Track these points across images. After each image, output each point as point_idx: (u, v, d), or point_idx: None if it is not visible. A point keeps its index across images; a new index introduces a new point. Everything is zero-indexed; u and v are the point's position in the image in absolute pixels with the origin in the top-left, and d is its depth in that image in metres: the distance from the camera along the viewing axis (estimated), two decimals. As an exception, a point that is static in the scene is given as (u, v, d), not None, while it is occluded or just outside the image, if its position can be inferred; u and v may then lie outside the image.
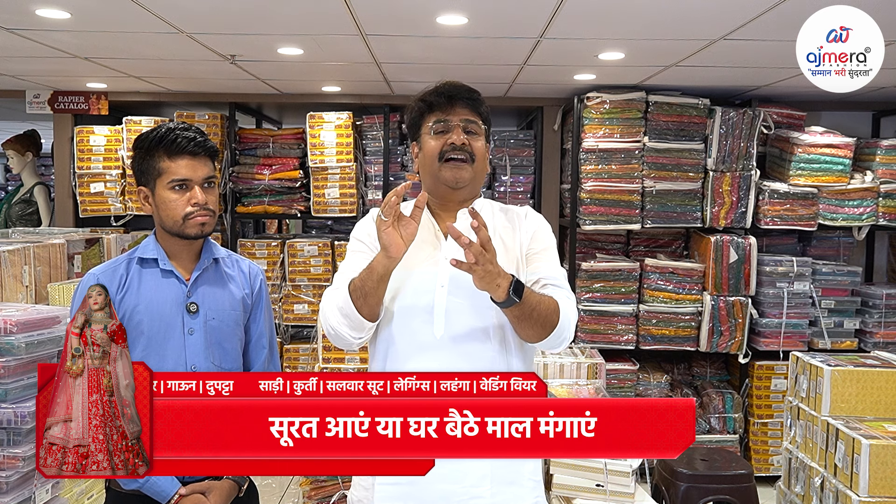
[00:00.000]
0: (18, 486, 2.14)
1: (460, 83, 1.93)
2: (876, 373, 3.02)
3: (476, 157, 1.87)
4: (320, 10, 3.08)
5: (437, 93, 1.90)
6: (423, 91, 1.95)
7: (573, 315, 1.80)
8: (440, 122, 1.87)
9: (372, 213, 1.94)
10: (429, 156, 1.88)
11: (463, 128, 1.86)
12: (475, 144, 1.87)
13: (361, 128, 5.10)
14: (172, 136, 1.95)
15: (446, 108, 1.88)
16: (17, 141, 5.40)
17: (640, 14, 3.10)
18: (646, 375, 4.70)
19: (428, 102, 1.91)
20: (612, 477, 2.80)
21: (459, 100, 1.89)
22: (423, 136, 1.92)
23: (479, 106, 1.91)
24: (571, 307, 1.81)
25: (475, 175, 1.88)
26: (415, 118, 1.95)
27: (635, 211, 4.58)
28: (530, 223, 1.93)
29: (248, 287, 2.12)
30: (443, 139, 1.86)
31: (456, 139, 1.84)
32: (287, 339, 5.08)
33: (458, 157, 1.84)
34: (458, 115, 1.88)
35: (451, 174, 1.85)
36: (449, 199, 1.91)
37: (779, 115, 4.80)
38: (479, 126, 1.89)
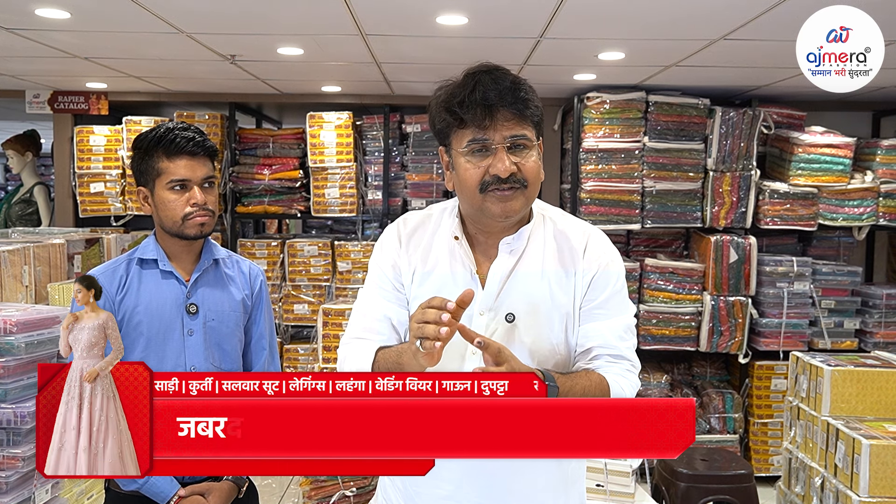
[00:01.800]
0: (18, 486, 2.13)
1: (501, 74, 1.47)
2: (876, 373, 3.02)
3: (529, 180, 1.49)
4: (320, 10, 3.08)
5: (471, 103, 1.44)
6: (450, 90, 1.50)
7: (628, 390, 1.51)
8: (477, 141, 1.46)
9: (388, 234, 1.65)
10: (468, 184, 1.49)
11: (509, 146, 1.47)
12: (526, 166, 1.48)
13: (361, 128, 5.10)
14: (171, 136, 1.95)
15: (484, 123, 1.45)
16: (17, 141, 5.40)
17: (640, 14, 3.10)
18: (646, 375, 4.70)
19: (459, 117, 1.47)
20: (612, 477, 2.80)
21: (501, 109, 1.45)
22: (455, 155, 1.51)
23: (527, 109, 1.48)
24: (629, 386, 1.51)
25: (528, 200, 1.51)
26: (442, 129, 1.53)
27: (635, 211, 4.58)
28: (590, 263, 1.55)
29: (248, 288, 2.11)
30: (483, 166, 1.47)
31: (501, 169, 1.45)
32: (287, 339, 5.08)
33: (504, 189, 1.47)
34: (500, 130, 1.46)
35: (499, 208, 1.48)
36: (494, 227, 1.55)
37: (779, 115, 4.80)
38: (529, 138, 1.49)
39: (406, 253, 1.61)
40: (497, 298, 1.54)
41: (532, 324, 1.53)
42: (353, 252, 4.92)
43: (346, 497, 3.42)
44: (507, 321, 1.52)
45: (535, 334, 1.53)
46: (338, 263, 4.95)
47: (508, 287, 1.54)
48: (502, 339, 1.50)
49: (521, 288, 1.54)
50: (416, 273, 1.60)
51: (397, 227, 1.66)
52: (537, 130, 1.52)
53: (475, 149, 1.47)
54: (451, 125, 1.50)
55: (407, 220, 1.67)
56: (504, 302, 1.54)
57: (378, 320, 1.60)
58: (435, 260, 1.58)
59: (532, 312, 1.53)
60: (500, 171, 1.45)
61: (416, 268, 1.60)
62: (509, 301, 1.54)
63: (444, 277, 1.56)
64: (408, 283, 1.60)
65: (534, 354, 1.52)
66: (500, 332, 1.52)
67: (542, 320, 1.53)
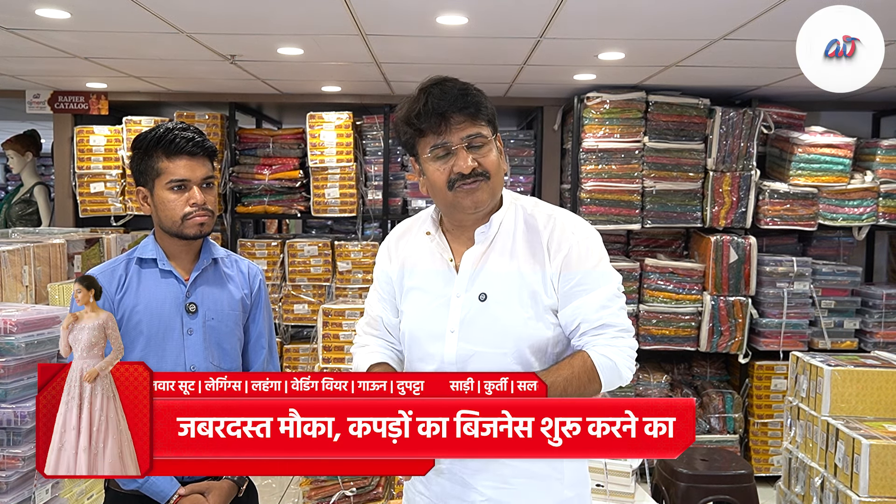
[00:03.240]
0: (18, 486, 2.13)
1: (450, 84, 1.64)
2: (876, 373, 3.02)
3: (490, 172, 1.63)
4: (320, 10, 3.08)
5: (424, 114, 1.60)
6: (407, 105, 1.65)
7: (621, 359, 1.59)
8: (437, 147, 1.62)
9: (382, 246, 1.84)
10: (437, 186, 1.65)
11: (467, 146, 1.61)
12: (486, 160, 1.63)
13: (361, 128, 5.10)
14: (171, 136, 1.95)
15: (441, 128, 1.60)
16: (17, 141, 5.40)
17: (640, 14, 3.10)
18: (646, 375, 4.70)
19: (417, 128, 1.62)
20: (612, 477, 2.80)
21: (454, 114, 1.60)
22: (422, 162, 1.66)
23: (478, 111, 1.63)
24: (616, 351, 1.59)
25: (493, 190, 1.66)
26: (407, 142, 1.69)
27: (635, 211, 4.58)
28: (560, 244, 1.65)
29: (247, 287, 2.11)
30: (447, 167, 1.62)
31: (463, 166, 1.60)
32: (287, 339, 5.08)
33: (470, 183, 1.61)
34: (456, 132, 1.61)
35: (468, 201, 1.63)
36: (466, 219, 1.70)
37: (779, 115, 4.80)
38: (484, 136, 1.63)
39: (395, 260, 1.80)
40: (470, 282, 1.67)
41: (502, 301, 1.64)
42: (352, 252, 4.92)
43: (346, 497, 3.42)
44: (480, 300, 1.65)
45: (505, 311, 1.63)
46: (338, 263, 4.95)
47: (480, 270, 1.67)
48: (476, 317, 1.63)
49: (492, 269, 1.67)
50: (405, 270, 1.77)
51: (388, 239, 1.86)
52: (492, 127, 1.67)
53: (438, 154, 1.63)
54: (413, 136, 1.65)
55: (396, 230, 1.86)
56: (476, 284, 1.66)
57: (374, 319, 1.84)
58: (417, 256, 1.75)
59: (502, 291, 1.64)
60: (462, 168, 1.61)
61: (403, 267, 1.77)
62: (480, 282, 1.66)
63: (426, 270, 1.73)
64: (398, 283, 1.78)
65: (508, 330, 1.63)
66: (473, 311, 1.64)
67: (513, 298, 1.63)
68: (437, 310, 1.67)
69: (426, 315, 1.69)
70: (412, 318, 1.72)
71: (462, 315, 1.64)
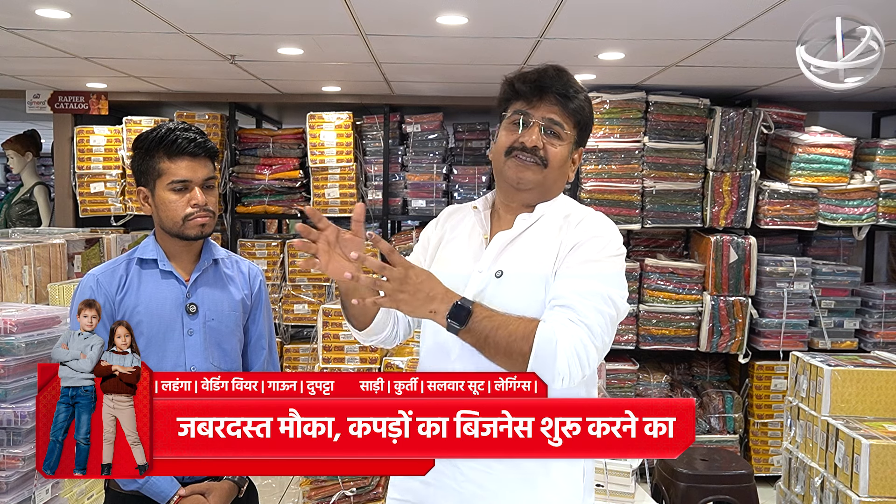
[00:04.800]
0: (18, 486, 2.13)
1: (561, 71, 1.68)
2: (876, 373, 3.02)
3: (549, 162, 1.66)
4: (320, 10, 3.08)
5: (528, 79, 1.66)
6: (519, 69, 1.74)
7: (564, 344, 1.47)
8: (520, 113, 1.66)
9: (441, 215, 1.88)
10: (498, 148, 1.70)
11: (544, 127, 1.65)
12: (551, 150, 1.66)
13: (361, 128, 5.10)
14: (172, 136, 1.95)
15: (532, 100, 1.66)
16: (17, 141, 5.40)
17: (640, 14, 3.10)
18: (646, 375, 4.70)
19: (515, 89, 1.69)
20: (612, 477, 2.80)
21: (549, 94, 1.65)
22: (503, 122, 1.71)
23: (570, 105, 1.66)
24: (564, 332, 1.48)
25: (545, 180, 1.67)
26: (502, 100, 1.74)
27: (635, 211, 4.58)
28: (578, 234, 1.65)
29: (247, 288, 2.12)
30: (516, 134, 1.66)
31: (528, 140, 1.64)
32: (287, 339, 5.08)
33: (525, 158, 1.65)
34: (541, 111, 1.65)
35: (513, 172, 1.66)
36: (512, 199, 1.72)
37: (779, 115, 4.80)
38: (563, 129, 1.66)
39: (438, 229, 1.85)
40: (493, 260, 1.69)
41: (516, 282, 1.65)
42: (353, 252, 4.91)
43: (346, 497, 3.42)
44: (496, 277, 1.67)
45: (516, 290, 1.64)
46: (338, 263, 4.94)
47: (507, 251, 1.69)
48: (489, 292, 1.64)
49: (516, 251, 1.69)
50: (444, 240, 1.81)
51: (442, 213, 1.90)
52: (576, 130, 1.69)
53: (516, 119, 1.67)
54: (509, 96, 1.71)
55: (450, 207, 1.92)
56: (497, 262, 1.69)
57: None
58: (459, 230, 1.79)
59: (518, 272, 1.66)
60: (527, 140, 1.64)
61: (443, 238, 1.82)
62: (501, 261, 1.69)
63: (462, 240, 1.76)
64: (434, 248, 1.81)
65: (516, 308, 1.57)
66: (490, 286, 1.66)
67: (526, 280, 1.64)
68: (458, 281, 1.63)
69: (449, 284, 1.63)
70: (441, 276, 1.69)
71: (478, 289, 1.65)
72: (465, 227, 1.79)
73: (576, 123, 1.68)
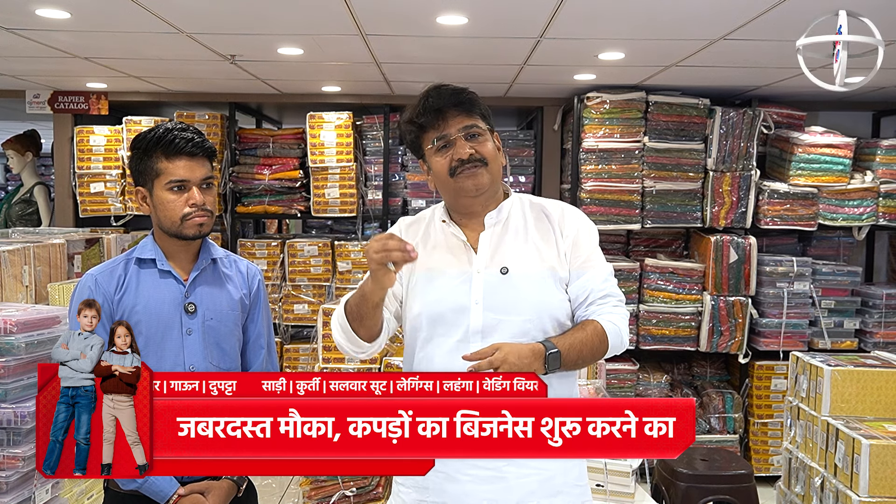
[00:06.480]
0: (18, 486, 2.14)
1: (445, 87, 1.82)
2: (876, 373, 3.02)
3: (488, 159, 1.79)
4: (320, 10, 3.08)
5: (424, 111, 1.79)
6: (409, 109, 1.85)
7: (623, 325, 1.77)
8: (440, 139, 1.78)
9: (397, 227, 1.92)
10: (440, 176, 1.80)
11: (464, 136, 1.78)
12: (482, 148, 1.78)
13: (361, 128, 5.10)
14: (170, 136, 1.94)
15: (439, 123, 1.79)
16: (17, 141, 5.40)
17: (640, 14, 3.10)
18: (646, 375, 4.70)
19: (418, 124, 1.81)
20: (612, 477, 2.80)
21: (450, 109, 1.79)
22: (428, 157, 1.83)
23: (472, 107, 1.81)
24: (619, 318, 1.77)
25: (493, 175, 1.80)
26: (412, 141, 1.86)
27: (635, 211, 4.58)
28: (570, 226, 1.83)
29: (245, 287, 2.11)
30: (448, 156, 1.78)
31: (462, 154, 1.76)
32: (287, 339, 5.08)
33: (470, 167, 1.77)
34: (453, 125, 1.78)
35: (469, 183, 1.77)
36: (472, 206, 1.83)
37: (779, 115, 4.80)
38: (480, 127, 1.81)
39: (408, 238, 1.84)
40: (490, 258, 1.79)
41: (524, 275, 1.77)
42: (352, 252, 4.92)
43: (346, 497, 3.42)
44: (502, 273, 1.77)
45: (527, 282, 1.77)
46: (338, 263, 4.95)
47: (497, 248, 1.80)
48: (499, 288, 1.75)
49: (510, 247, 1.81)
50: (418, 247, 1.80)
51: (396, 226, 1.95)
52: (487, 122, 1.83)
53: (439, 146, 1.79)
54: (417, 134, 1.83)
55: (403, 220, 1.97)
56: (496, 259, 1.79)
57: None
58: (434, 241, 1.86)
59: (523, 265, 1.78)
60: (461, 154, 1.76)
61: (417, 245, 1.82)
62: (500, 258, 1.79)
63: (441, 246, 1.84)
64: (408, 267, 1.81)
65: (530, 299, 1.75)
66: (496, 283, 1.76)
67: (533, 273, 1.77)
68: (460, 286, 1.77)
69: (448, 292, 1.77)
70: (433, 296, 1.78)
71: (485, 288, 1.75)
72: (437, 235, 1.86)
73: (482, 116, 1.82)
